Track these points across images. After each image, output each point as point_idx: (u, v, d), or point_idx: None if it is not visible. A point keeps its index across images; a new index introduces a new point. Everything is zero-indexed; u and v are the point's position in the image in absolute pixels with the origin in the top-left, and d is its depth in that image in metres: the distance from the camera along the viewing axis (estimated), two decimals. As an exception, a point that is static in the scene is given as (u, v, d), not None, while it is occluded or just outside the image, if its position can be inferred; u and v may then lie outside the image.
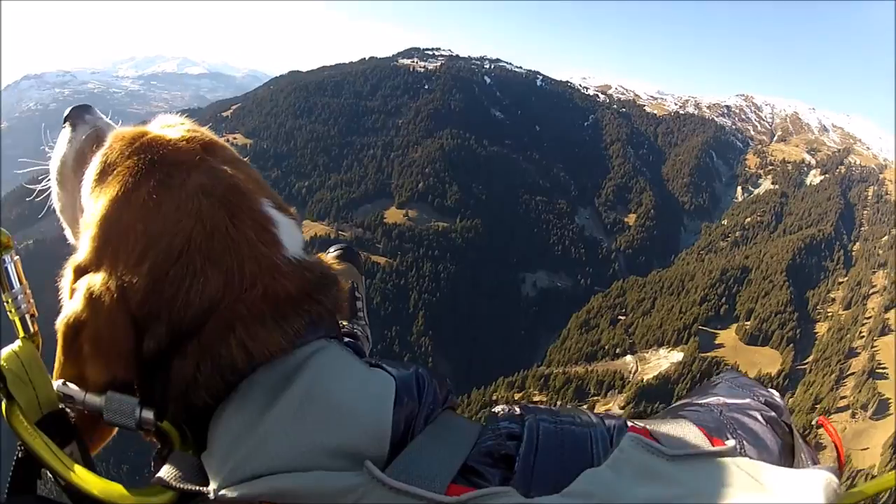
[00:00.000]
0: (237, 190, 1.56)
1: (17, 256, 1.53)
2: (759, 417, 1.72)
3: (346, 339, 2.96)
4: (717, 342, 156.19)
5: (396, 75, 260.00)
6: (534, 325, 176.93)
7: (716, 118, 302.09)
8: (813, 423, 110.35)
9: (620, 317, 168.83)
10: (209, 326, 1.41)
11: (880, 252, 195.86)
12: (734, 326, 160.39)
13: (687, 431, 1.49)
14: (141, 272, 1.43)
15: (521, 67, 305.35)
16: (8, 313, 1.52)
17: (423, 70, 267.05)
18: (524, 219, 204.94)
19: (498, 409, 1.69)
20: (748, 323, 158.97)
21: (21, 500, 1.32)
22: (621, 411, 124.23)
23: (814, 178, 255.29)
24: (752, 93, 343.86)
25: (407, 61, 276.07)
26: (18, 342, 1.47)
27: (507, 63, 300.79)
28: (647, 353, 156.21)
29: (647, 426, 1.53)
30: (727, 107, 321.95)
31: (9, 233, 1.49)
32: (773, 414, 1.76)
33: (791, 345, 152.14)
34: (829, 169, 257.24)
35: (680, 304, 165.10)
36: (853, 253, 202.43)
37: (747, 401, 1.80)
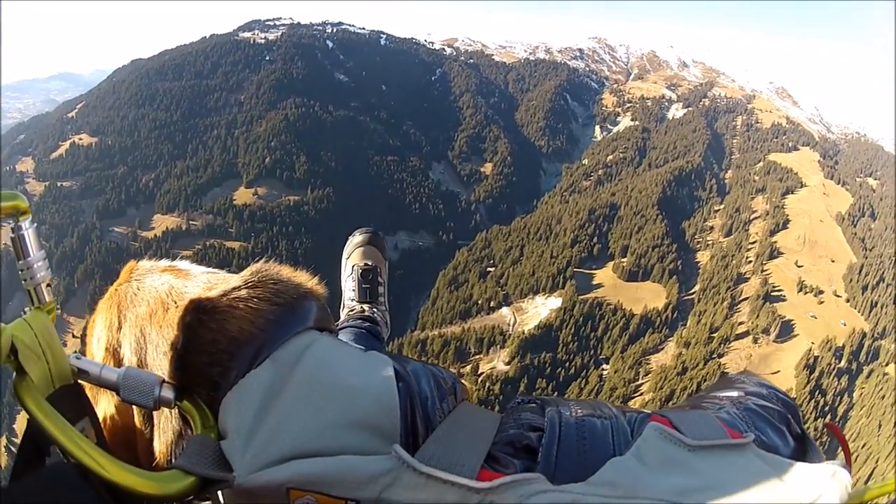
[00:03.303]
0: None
1: (35, 223, 1.45)
2: (776, 416, 1.73)
3: (366, 324, 3.59)
4: (594, 283, 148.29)
5: (237, 50, 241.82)
6: (401, 290, 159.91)
7: (568, 62, 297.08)
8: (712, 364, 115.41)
9: (489, 269, 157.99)
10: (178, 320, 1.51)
11: (756, 178, 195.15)
12: (610, 265, 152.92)
13: (708, 423, 1.49)
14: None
15: (364, 28, 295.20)
16: (23, 282, 1.45)
17: (263, 41, 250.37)
18: (377, 181, 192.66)
19: (517, 400, 1.71)
20: (625, 260, 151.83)
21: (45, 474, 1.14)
22: (507, 367, 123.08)
23: (676, 111, 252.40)
24: (606, 35, 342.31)
25: (248, 34, 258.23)
26: (32, 312, 1.40)
27: (349, 25, 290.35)
28: (524, 302, 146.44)
29: (669, 417, 1.52)
30: (580, 50, 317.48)
31: (26, 198, 1.42)
32: (788, 414, 1.77)
33: (674, 277, 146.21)
34: (692, 102, 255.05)
35: (550, 248, 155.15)
36: (726, 181, 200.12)
37: (764, 401, 1.81)
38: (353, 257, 3.75)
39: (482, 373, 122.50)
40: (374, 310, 3.65)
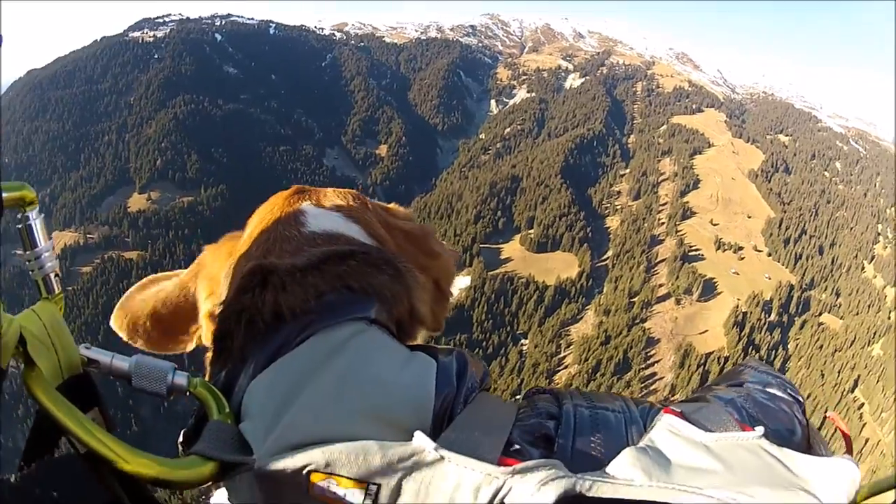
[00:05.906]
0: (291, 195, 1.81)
1: (42, 214, 1.38)
2: (785, 407, 1.64)
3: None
4: (503, 257, 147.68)
5: (126, 50, 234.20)
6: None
7: (461, 39, 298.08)
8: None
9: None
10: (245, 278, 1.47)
11: (661, 141, 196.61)
12: (517, 237, 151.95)
13: (718, 415, 1.44)
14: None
15: (252, 19, 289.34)
16: (31, 272, 1.39)
17: (152, 40, 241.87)
18: (270, 173, 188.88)
19: (531, 390, 1.64)
20: (532, 231, 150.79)
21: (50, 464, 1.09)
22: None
23: (573, 81, 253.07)
24: (499, 11, 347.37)
25: (137, 34, 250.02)
26: (40, 303, 1.36)
27: (238, 17, 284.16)
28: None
29: (681, 409, 1.47)
30: (472, 27, 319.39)
31: (33, 189, 1.34)
32: (795, 405, 1.68)
33: (585, 244, 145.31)
34: (590, 71, 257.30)
35: (453, 226, 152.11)
36: (630, 146, 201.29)
37: (773, 390, 1.71)
38: None
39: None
40: None
